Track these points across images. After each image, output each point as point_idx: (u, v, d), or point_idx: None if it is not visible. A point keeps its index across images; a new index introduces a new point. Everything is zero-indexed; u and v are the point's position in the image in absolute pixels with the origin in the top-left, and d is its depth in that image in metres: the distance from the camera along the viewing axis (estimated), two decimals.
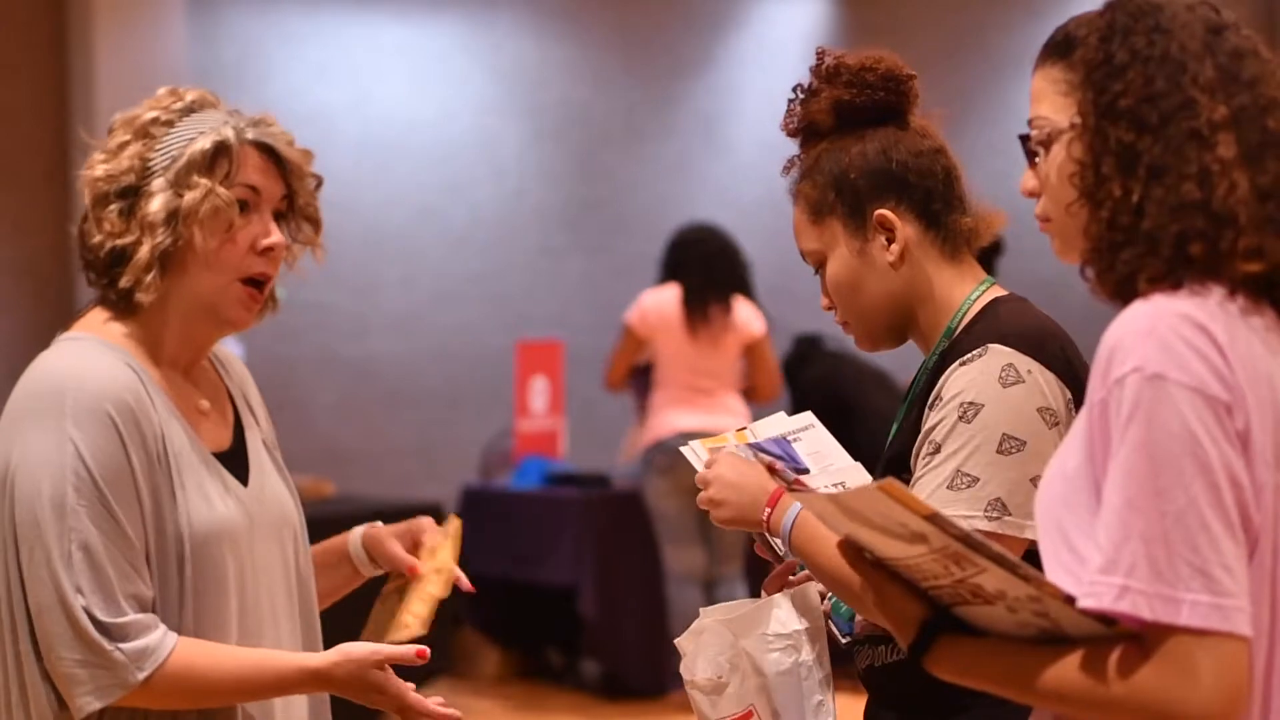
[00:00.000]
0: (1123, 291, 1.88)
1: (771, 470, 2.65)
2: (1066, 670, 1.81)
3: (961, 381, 2.42)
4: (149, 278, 2.52)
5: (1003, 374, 2.39)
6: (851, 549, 1.94)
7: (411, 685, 2.56)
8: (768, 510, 2.56)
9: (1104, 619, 1.80)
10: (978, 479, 2.37)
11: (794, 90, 2.67)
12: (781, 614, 2.64)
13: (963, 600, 1.87)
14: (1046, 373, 2.40)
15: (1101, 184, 1.91)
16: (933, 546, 1.81)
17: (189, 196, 2.53)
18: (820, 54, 2.65)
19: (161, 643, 2.44)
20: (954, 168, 2.62)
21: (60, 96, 8.38)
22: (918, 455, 2.44)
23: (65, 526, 2.42)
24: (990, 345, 2.42)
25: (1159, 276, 1.86)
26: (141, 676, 2.42)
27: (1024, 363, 2.40)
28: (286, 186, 2.64)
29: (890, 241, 2.57)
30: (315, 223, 2.68)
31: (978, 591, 1.84)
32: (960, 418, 2.39)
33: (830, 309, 2.66)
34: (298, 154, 2.64)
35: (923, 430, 2.45)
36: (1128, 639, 1.79)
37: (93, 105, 2.58)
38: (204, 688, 2.47)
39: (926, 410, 2.45)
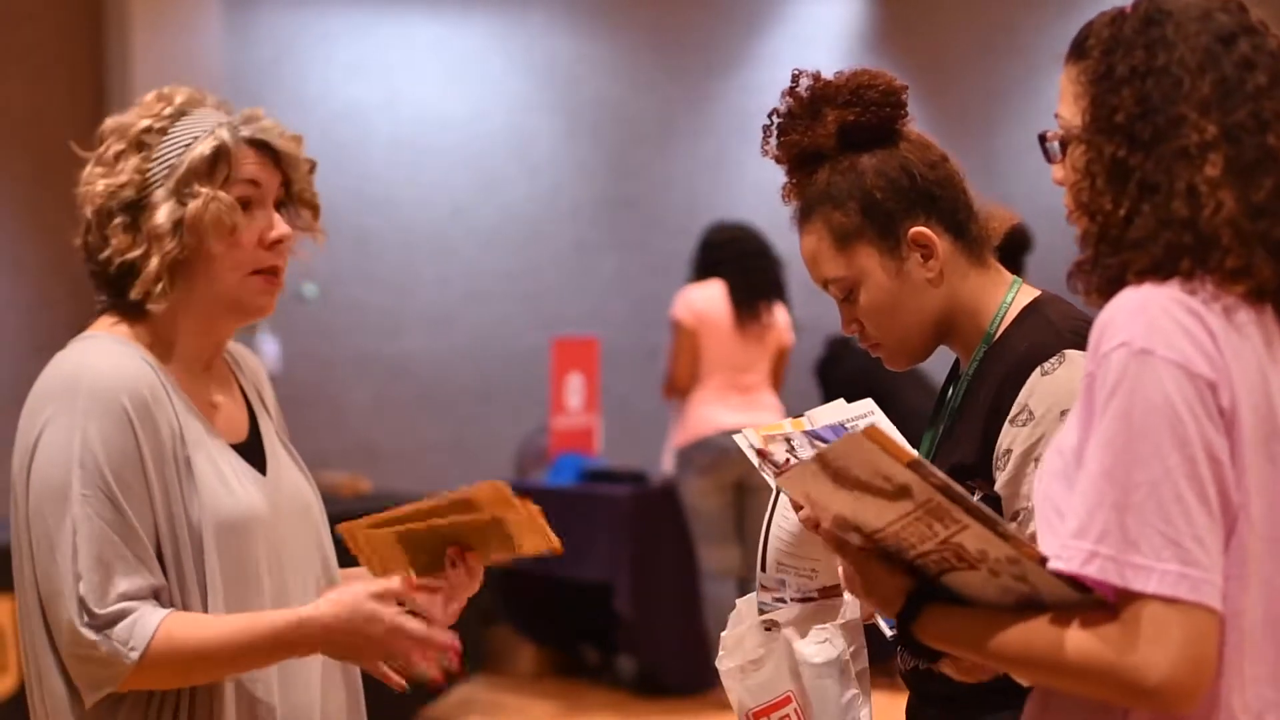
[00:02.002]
0: (1112, 290, 1.91)
1: (763, 456, 2.63)
2: (1035, 634, 1.84)
3: (1051, 392, 2.40)
4: (158, 288, 2.54)
5: None
6: (835, 538, 1.97)
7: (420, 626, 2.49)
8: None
9: (1081, 587, 1.82)
10: None
11: (774, 116, 2.61)
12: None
13: (948, 566, 1.90)
14: None
15: (1095, 198, 1.94)
16: (916, 500, 1.84)
17: (192, 205, 2.54)
18: (796, 77, 2.60)
19: (148, 619, 2.44)
20: (961, 173, 2.61)
21: (96, 96, 8.42)
22: (1021, 473, 2.40)
23: (69, 515, 2.45)
24: (1066, 352, 2.41)
25: (1147, 270, 1.89)
26: (135, 656, 2.42)
27: None
28: (283, 175, 2.65)
29: (927, 258, 2.54)
30: (313, 207, 2.69)
31: (961, 554, 1.87)
32: None
33: (853, 334, 2.61)
34: (290, 143, 2.65)
35: (1014, 448, 2.41)
36: (1099, 606, 1.81)
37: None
38: (196, 658, 2.45)
39: (1008, 424, 2.42)
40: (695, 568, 7.88)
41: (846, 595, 2.67)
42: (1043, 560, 1.83)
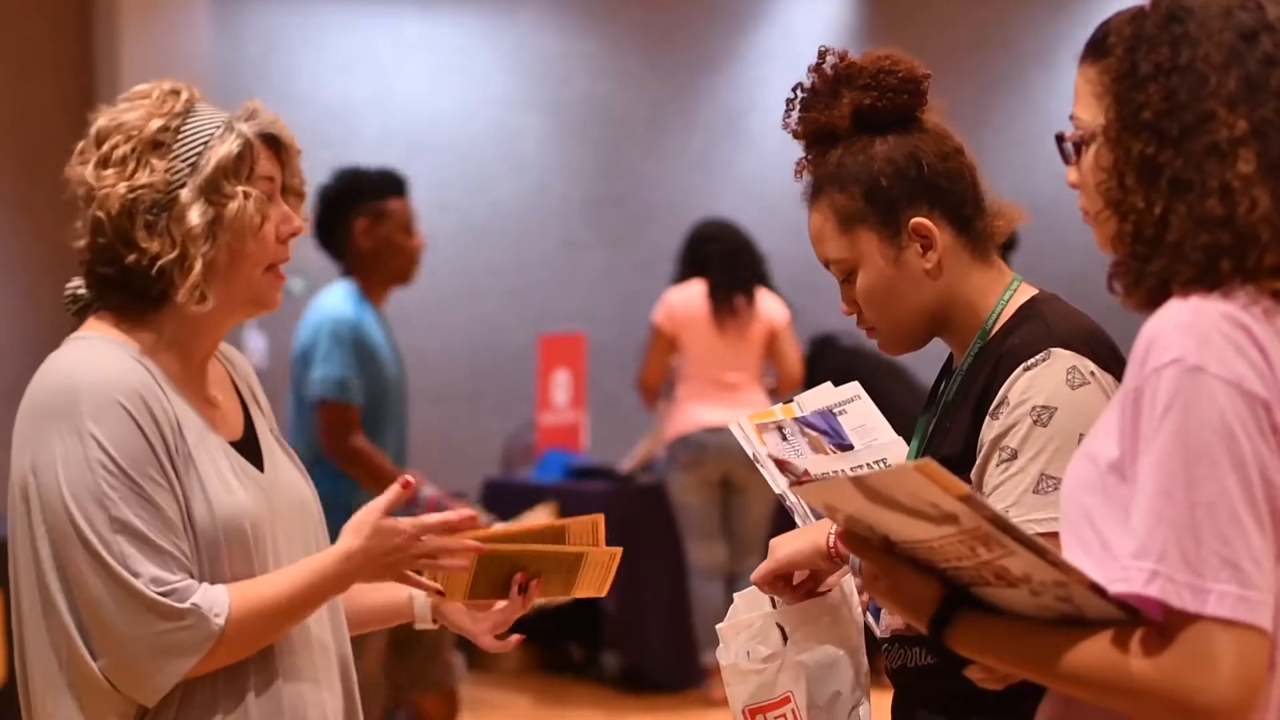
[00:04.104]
0: (1155, 300, 1.90)
1: (781, 465, 2.64)
2: (1086, 652, 1.84)
3: (1028, 386, 2.41)
4: (199, 292, 2.52)
5: (1069, 377, 2.40)
6: (855, 538, 1.96)
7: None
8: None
9: (1126, 608, 1.81)
10: (1061, 480, 2.37)
11: (797, 90, 2.61)
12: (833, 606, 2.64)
13: (984, 582, 1.89)
14: (1106, 374, 2.41)
15: (1125, 196, 1.92)
16: (963, 527, 1.83)
17: (231, 206, 2.52)
18: (823, 53, 2.60)
19: (215, 590, 2.46)
20: (975, 167, 2.61)
21: (85, 93, 8.41)
22: (986, 462, 2.42)
23: (105, 516, 2.42)
24: (1052, 349, 2.42)
25: (1191, 280, 1.87)
26: (220, 622, 2.44)
27: (1085, 364, 2.41)
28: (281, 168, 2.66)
29: (926, 249, 2.54)
30: (301, 196, 2.69)
31: (1002, 574, 1.86)
32: (1035, 422, 2.38)
33: (852, 315, 2.62)
34: (289, 134, 2.66)
35: (988, 438, 2.43)
36: (1148, 625, 1.81)
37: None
38: (268, 618, 2.50)
39: (988, 417, 2.44)
40: (682, 565, 7.89)
41: (839, 591, 2.67)
42: (1093, 586, 1.82)
